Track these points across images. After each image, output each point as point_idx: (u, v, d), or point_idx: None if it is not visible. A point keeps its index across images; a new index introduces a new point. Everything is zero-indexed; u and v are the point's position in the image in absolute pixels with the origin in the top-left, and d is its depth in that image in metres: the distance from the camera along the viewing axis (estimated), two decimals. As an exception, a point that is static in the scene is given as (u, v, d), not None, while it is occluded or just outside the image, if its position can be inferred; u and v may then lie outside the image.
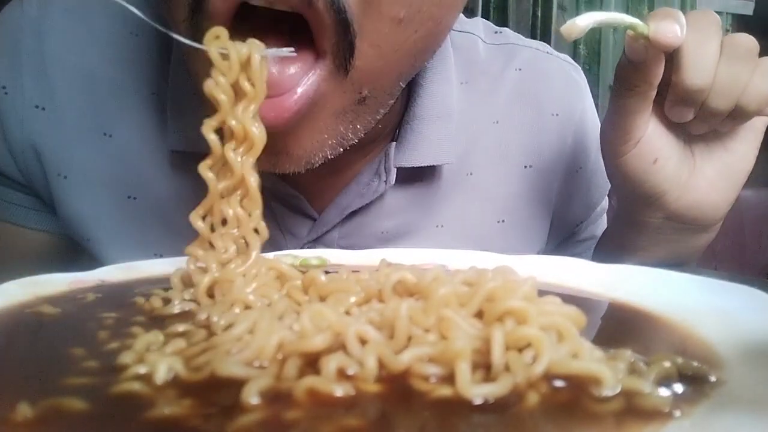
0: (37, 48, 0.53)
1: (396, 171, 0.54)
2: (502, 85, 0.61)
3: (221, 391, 0.21)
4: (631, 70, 0.45)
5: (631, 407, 0.20)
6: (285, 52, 0.36)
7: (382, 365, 0.23)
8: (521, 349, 0.23)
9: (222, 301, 0.30)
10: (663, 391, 0.21)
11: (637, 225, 0.53)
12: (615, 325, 0.33)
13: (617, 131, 0.49)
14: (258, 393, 0.21)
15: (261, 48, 0.34)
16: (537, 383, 0.22)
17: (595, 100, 0.65)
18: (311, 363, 0.23)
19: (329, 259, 0.44)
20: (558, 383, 0.22)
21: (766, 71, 0.44)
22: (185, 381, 0.22)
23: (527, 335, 0.23)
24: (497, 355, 0.22)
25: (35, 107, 0.54)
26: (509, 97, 0.61)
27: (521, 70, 0.62)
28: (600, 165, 0.60)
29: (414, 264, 0.32)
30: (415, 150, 0.54)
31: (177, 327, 0.28)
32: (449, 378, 0.22)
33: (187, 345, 0.26)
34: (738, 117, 0.45)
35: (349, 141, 0.44)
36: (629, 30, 0.43)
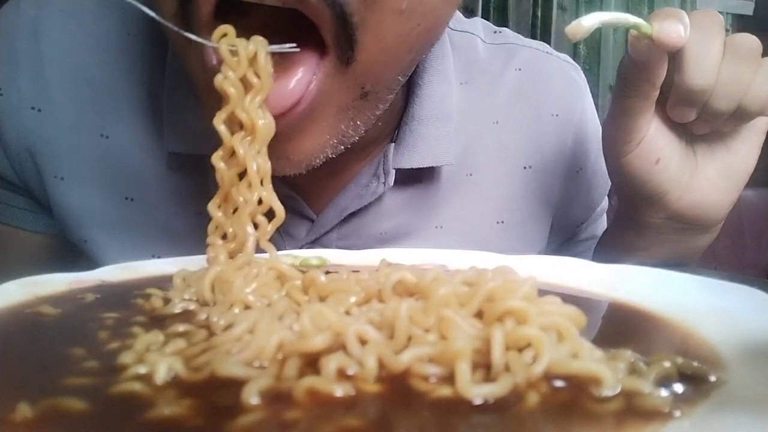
0: (34, 49, 0.53)
1: (395, 172, 0.54)
2: (501, 85, 0.61)
3: (221, 391, 0.21)
4: (634, 70, 0.45)
5: (631, 407, 0.20)
6: (287, 48, 0.37)
7: (382, 365, 0.23)
8: (521, 349, 0.23)
9: (222, 302, 0.30)
10: (663, 391, 0.21)
11: (638, 225, 0.53)
12: (615, 325, 0.33)
13: (619, 131, 0.49)
14: (258, 393, 0.21)
15: (264, 44, 0.36)
16: (537, 383, 0.22)
17: (595, 100, 0.65)
18: (311, 363, 0.23)
19: (329, 260, 0.44)
20: (558, 383, 0.22)
21: None
22: (185, 381, 0.22)
23: (527, 335, 0.23)
24: (497, 355, 0.22)
25: (31, 108, 0.53)
26: (509, 98, 0.61)
27: (521, 70, 0.61)
28: (600, 165, 0.60)
29: (414, 264, 0.32)
30: (414, 151, 0.54)
31: (177, 327, 0.28)
32: (449, 378, 0.22)
33: (187, 345, 0.26)
34: (740, 117, 0.45)
35: (350, 139, 0.44)
36: (632, 30, 0.43)
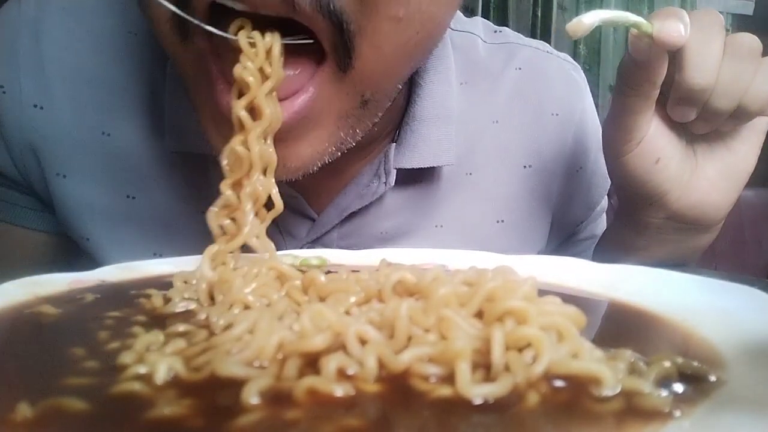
0: (35, 47, 0.53)
1: (396, 172, 0.54)
2: (501, 85, 0.61)
3: (221, 391, 0.21)
4: (634, 69, 0.45)
5: (631, 407, 0.20)
6: (300, 39, 0.38)
7: (382, 365, 0.23)
8: (521, 349, 0.23)
9: (221, 302, 0.30)
10: (663, 391, 0.21)
11: (638, 225, 0.53)
12: (615, 325, 0.33)
13: (619, 131, 0.49)
14: (258, 393, 0.21)
15: (277, 38, 0.38)
16: (537, 383, 0.22)
17: (595, 100, 0.65)
18: (311, 363, 0.23)
19: (329, 259, 0.44)
20: (558, 383, 0.22)
21: None
22: (185, 381, 0.22)
23: (527, 335, 0.23)
24: (497, 355, 0.22)
25: (33, 106, 0.54)
26: (509, 97, 0.61)
27: (521, 69, 0.61)
28: (600, 165, 0.60)
29: (414, 264, 0.32)
30: (415, 151, 0.54)
31: (177, 327, 0.28)
32: (449, 378, 0.22)
33: (188, 345, 0.26)
34: (740, 117, 0.45)
35: (347, 145, 0.44)
36: (633, 29, 0.43)
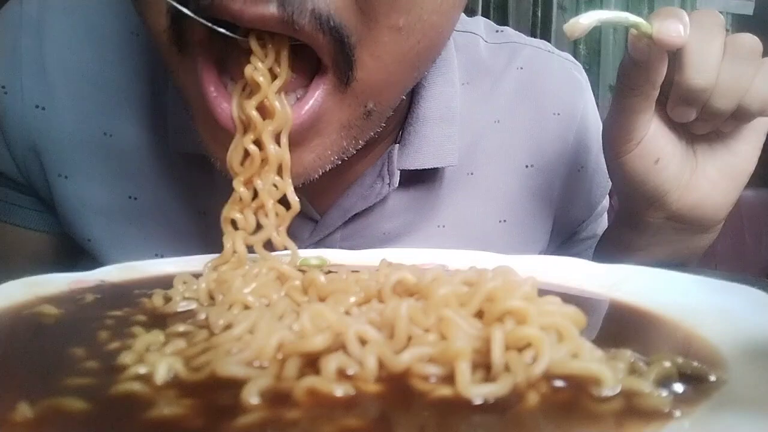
0: (37, 48, 0.53)
1: (399, 173, 0.54)
2: (503, 84, 0.61)
3: (221, 391, 0.21)
4: (634, 69, 0.45)
5: (631, 407, 0.20)
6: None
7: (382, 365, 0.23)
8: (521, 349, 0.23)
9: (221, 302, 0.30)
10: (663, 391, 0.21)
11: (638, 225, 0.53)
12: (615, 325, 0.33)
13: (619, 131, 0.49)
14: (258, 393, 0.21)
15: (285, 39, 0.38)
16: (537, 383, 0.22)
17: (595, 99, 0.65)
18: (311, 363, 0.23)
19: (329, 259, 0.44)
20: (558, 383, 0.22)
21: None
22: (185, 381, 0.22)
23: (527, 335, 0.23)
24: (497, 355, 0.22)
25: (35, 107, 0.54)
26: (510, 96, 0.61)
27: (522, 68, 0.61)
28: (601, 164, 0.60)
29: (414, 264, 0.32)
30: (418, 152, 0.54)
31: (177, 327, 0.28)
32: (449, 378, 0.22)
33: (188, 345, 0.26)
34: (740, 117, 0.45)
35: (348, 154, 0.43)
36: (632, 29, 0.43)
